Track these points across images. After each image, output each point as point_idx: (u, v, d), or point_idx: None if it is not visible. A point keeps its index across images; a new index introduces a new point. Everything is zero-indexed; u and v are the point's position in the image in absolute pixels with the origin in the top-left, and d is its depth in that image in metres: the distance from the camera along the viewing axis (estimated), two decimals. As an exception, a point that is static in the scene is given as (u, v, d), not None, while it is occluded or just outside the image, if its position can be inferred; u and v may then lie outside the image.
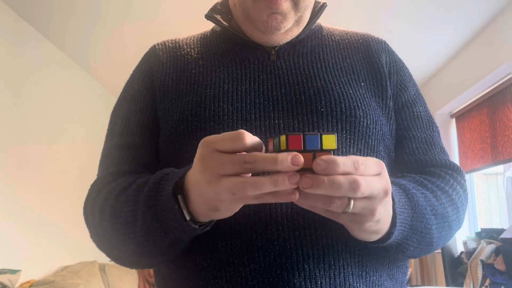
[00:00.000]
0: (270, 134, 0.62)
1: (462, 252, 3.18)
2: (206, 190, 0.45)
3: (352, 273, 0.57)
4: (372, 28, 2.99)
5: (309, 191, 0.41)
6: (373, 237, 0.52)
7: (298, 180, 0.41)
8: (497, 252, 2.70)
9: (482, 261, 2.75)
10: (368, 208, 0.45)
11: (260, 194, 0.42)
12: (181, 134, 0.64)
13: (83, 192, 0.69)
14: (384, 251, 0.60)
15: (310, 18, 0.76)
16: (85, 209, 0.67)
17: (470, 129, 3.56)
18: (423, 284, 3.84)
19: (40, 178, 2.88)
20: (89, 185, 0.69)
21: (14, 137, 2.64)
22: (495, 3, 2.73)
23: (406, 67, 0.78)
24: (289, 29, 0.71)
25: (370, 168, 0.44)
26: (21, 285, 2.51)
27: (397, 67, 0.75)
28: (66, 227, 3.01)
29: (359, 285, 0.57)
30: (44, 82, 3.02)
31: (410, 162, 0.69)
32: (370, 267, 0.59)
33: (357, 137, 0.63)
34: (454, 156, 3.82)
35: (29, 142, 2.79)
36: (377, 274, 0.60)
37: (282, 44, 0.72)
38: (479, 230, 3.16)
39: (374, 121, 0.66)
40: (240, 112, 0.64)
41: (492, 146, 3.19)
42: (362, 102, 0.67)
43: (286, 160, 0.40)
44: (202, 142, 0.45)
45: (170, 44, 0.77)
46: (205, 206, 0.48)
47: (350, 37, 0.78)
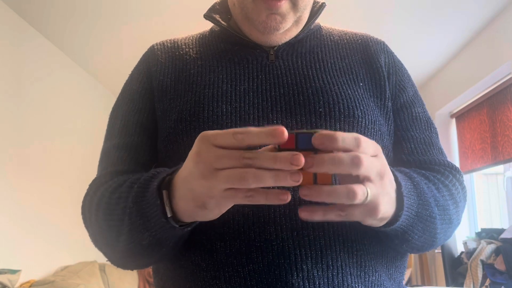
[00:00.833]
0: None
1: (462, 252, 3.18)
2: (198, 184, 0.44)
3: (350, 273, 0.57)
4: (372, 28, 2.99)
5: (311, 170, 0.41)
6: (380, 223, 0.51)
7: (300, 178, 0.40)
8: (497, 252, 2.70)
9: (482, 261, 2.74)
10: (375, 194, 0.45)
11: (251, 192, 0.42)
12: (179, 134, 0.64)
13: (83, 192, 0.69)
14: (389, 240, 0.59)
15: (309, 18, 0.76)
16: (83, 208, 0.67)
17: (470, 129, 3.56)
18: (423, 284, 3.84)
19: (40, 178, 2.88)
20: (89, 185, 0.69)
21: (14, 137, 2.64)
22: (495, 3, 2.73)
23: (405, 68, 0.78)
24: (288, 29, 0.71)
25: (369, 148, 0.44)
26: (21, 285, 2.51)
27: (396, 68, 0.75)
28: (66, 227, 3.01)
29: (358, 285, 0.57)
30: (44, 82, 3.02)
31: (409, 162, 0.69)
32: (369, 267, 0.59)
33: None
34: (454, 156, 3.82)
35: (29, 142, 2.79)
36: (376, 274, 0.60)
37: (281, 44, 0.72)
38: (479, 230, 3.15)
39: (373, 121, 0.66)
40: (238, 112, 0.64)
41: (492, 146, 3.19)
42: (361, 102, 0.67)
43: (286, 159, 0.40)
44: (200, 136, 0.45)
45: (169, 44, 0.77)
46: (192, 202, 0.47)
47: (349, 37, 0.78)
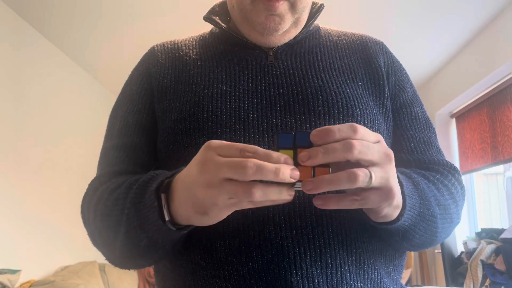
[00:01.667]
0: (267, 134, 0.62)
1: (462, 252, 3.18)
2: (203, 192, 0.45)
3: (349, 271, 0.57)
4: (372, 28, 2.99)
5: (308, 164, 0.43)
6: (395, 213, 0.51)
7: (298, 174, 0.42)
8: (497, 252, 2.70)
9: (482, 261, 2.75)
10: (384, 177, 0.45)
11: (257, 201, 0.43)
12: (179, 134, 0.64)
13: (83, 192, 0.70)
14: (389, 237, 0.60)
15: (308, 19, 0.76)
16: (82, 207, 0.68)
17: (470, 129, 3.56)
18: (423, 284, 3.84)
19: (40, 178, 2.88)
20: (88, 185, 0.70)
21: (14, 137, 2.64)
22: (495, 3, 2.73)
23: (403, 68, 0.78)
24: (287, 30, 0.71)
25: (369, 135, 0.45)
26: (21, 285, 2.51)
27: (395, 68, 0.76)
28: (66, 227, 3.01)
29: (357, 283, 0.58)
30: (44, 82, 3.02)
31: (408, 162, 0.69)
32: (368, 265, 0.60)
33: None
34: (454, 156, 3.82)
35: (29, 142, 2.79)
36: (375, 272, 0.60)
37: (280, 45, 0.72)
38: (479, 230, 3.16)
39: (371, 120, 0.67)
40: (238, 112, 0.64)
41: (492, 146, 3.19)
42: (360, 101, 0.67)
43: (279, 158, 0.42)
44: (205, 145, 0.45)
45: (169, 45, 0.78)
46: (193, 208, 0.47)
47: (348, 38, 0.78)
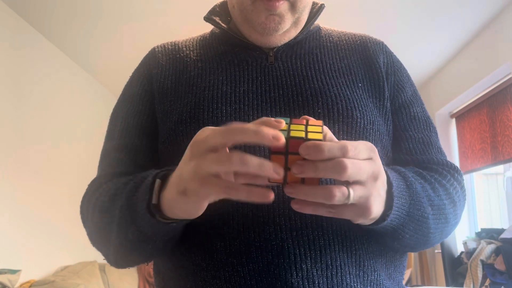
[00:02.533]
0: None
1: (462, 252, 3.19)
2: (186, 167, 0.45)
3: (349, 272, 0.58)
4: (372, 28, 2.99)
5: (300, 175, 0.43)
6: (372, 220, 0.52)
7: (281, 172, 0.42)
8: (497, 252, 2.70)
9: (482, 261, 2.75)
10: (364, 196, 0.46)
11: (235, 184, 0.42)
12: (179, 135, 0.65)
13: (83, 192, 0.70)
14: (379, 238, 0.60)
15: (308, 19, 0.76)
16: (81, 207, 0.68)
17: (470, 129, 3.56)
18: (423, 284, 3.84)
19: (40, 178, 2.88)
20: (88, 185, 0.70)
21: (14, 137, 2.64)
22: (495, 3, 2.73)
23: (404, 68, 0.78)
24: (287, 30, 0.71)
25: (361, 152, 0.45)
26: (21, 285, 2.51)
27: (394, 68, 0.75)
28: (66, 227, 3.01)
29: (357, 284, 0.58)
30: (44, 82, 3.02)
31: (408, 162, 0.69)
32: (368, 267, 0.60)
33: (354, 138, 0.63)
34: (454, 156, 3.82)
35: (29, 143, 2.79)
36: (375, 273, 0.60)
37: (280, 45, 0.72)
38: (479, 230, 3.16)
39: (371, 121, 0.66)
40: (238, 113, 0.64)
41: (492, 146, 3.19)
42: (359, 103, 0.67)
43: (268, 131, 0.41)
44: (192, 142, 0.46)
45: (170, 46, 0.78)
46: (175, 188, 0.47)
47: (348, 38, 0.78)
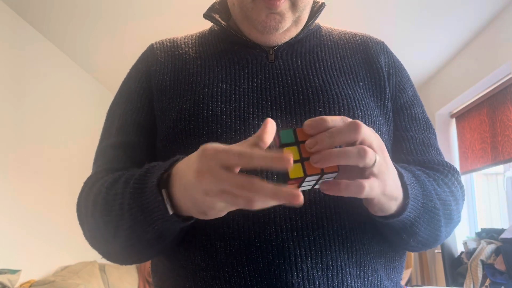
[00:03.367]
0: None
1: (462, 252, 3.18)
2: (201, 199, 0.44)
3: (350, 273, 0.57)
4: (372, 28, 2.99)
5: (316, 149, 0.43)
6: (393, 204, 0.52)
7: (300, 199, 0.39)
8: (497, 252, 2.70)
9: (482, 261, 2.74)
10: (382, 162, 0.47)
11: (254, 196, 0.41)
12: (178, 133, 0.64)
13: (82, 191, 0.69)
14: (397, 236, 0.60)
15: (308, 18, 0.76)
16: (78, 204, 0.67)
17: (470, 129, 3.56)
18: (423, 284, 3.84)
19: (40, 178, 2.88)
20: (84, 182, 0.69)
21: (14, 137, 2.64)
22: (495, 3, 2.73)
23: (404, 69, 0.78)
24: (287, 29, 0.71)
25: (371, 136, 0.47)
26: (21, 285, 2.51)
27: (396, 68, 0.75)
28: (66, 227, 3.01)
29: (357, 285, 0.57)
30: (44, 82, 3.02)
31: (408, 162, 0.69)
32: (369, 267, 0.59)
33: None
34: (454, 156, 3.82)
35: (29, 142, 2.79)
36: (376, 274, 0.60)
37: (280, 44, 0.72)
38: (479, 230, 3.15)
39: (372, 121, 0.66)
40: (238, 111, 0.64)
41: (492, 146, 3.19)
42: (361, 102, 0.67)
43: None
44: (201, 151, 0.43)
45: (168, 43, 0.77)
46: (193, 209, 0.48)
47: (348, 37, 0.78)
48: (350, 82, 0.69)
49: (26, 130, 2.77)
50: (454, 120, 3.93)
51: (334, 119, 0.45)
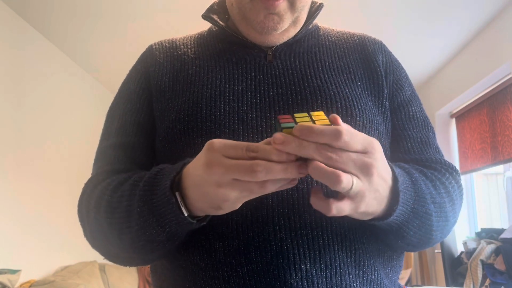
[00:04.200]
0: (266, 133, 0.62)
1: (462, 252, 3.18)
2: (213, 192, 0.46)
3: (348, 272, 0.57)
4: (371, 28, 2.99)
5: (281, 147, 0.43)
6: (377, 209, 0.51)
7: (305, 170, 0.44)
8: (497, 252, 2.70)
9: (482, 261, 2.74)
10: (362, 185, 0.46)
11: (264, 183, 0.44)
12: (177, 134, 0.64)
13: (83, 192, 0.69)
14: (383, 236, 0.60)
15: (307, 18, 0.76)
16: (79, 206, 0.67)
17: (470, 129, 3.56)
18: (423, 284, 3.84)
19: (40, 178, 2.88)
20: (84, 184, 0.69)
21: (14, 137, 2.64)
22: (495, 3, 2.73)
23: (402, 68, 0.78)
24: (285, 29, 0.71)
25: (355, 143, 0.44)
26: (21, 285, 2.51)
27: (393, 67, 0.75)
28: (67, 227, 3.01)
29: (356, 284, 0.58)
30: (44, 82, 3.02)
31: (406, 161, 0.69)
32: (367, 266, 0.59)
33: None
34: (454, 156, 3.81)
35: (29, 142, 2.79)
36: (375, 273, 0.60)
37: (278, 44, 0.72)
38: (479, 230, 3.15)
39: (370, 120, 0.66)
40: (236, 112, 0.64)
41: (492, 146, 3.19)
42: (358, 101, 0.67)
43: (295, 168, 0.44)
44: (208, 146, 0.47)
45: (167, 44, 0.77)
46: (207, 204, 0.49)
47: (346, 37, 0.78)
48: (348, 81, 0.69)
49: (26, 131, 2.77)
50: (454, 120, 3.93)
51: (323, 131, 0.43)
